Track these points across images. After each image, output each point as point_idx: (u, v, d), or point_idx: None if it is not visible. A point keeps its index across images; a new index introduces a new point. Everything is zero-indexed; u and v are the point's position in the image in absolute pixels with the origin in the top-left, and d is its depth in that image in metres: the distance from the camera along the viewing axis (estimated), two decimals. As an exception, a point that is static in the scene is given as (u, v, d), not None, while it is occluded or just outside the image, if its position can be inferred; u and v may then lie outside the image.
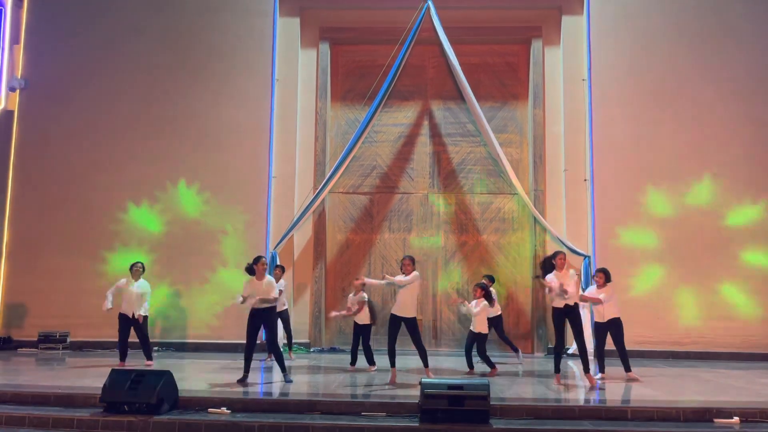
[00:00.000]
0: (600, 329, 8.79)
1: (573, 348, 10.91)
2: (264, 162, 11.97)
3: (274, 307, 8.17)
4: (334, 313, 9.81)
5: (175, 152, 12.04)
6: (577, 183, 11.85)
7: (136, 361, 9.11)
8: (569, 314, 8.00)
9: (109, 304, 9.27)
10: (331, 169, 11.71)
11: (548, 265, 8.23)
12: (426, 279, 11.97)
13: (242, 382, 7.80)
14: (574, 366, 9.89)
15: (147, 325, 9.45)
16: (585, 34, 12.08)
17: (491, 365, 8.89)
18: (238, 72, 12.19)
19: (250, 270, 8.08)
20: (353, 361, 9.43)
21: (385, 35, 11.96)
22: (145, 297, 9.35)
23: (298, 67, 12.39)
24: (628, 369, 8.62)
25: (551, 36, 12.36)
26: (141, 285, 9.39)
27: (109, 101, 12.22)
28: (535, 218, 11.79)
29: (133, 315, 9.27)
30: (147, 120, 12.14)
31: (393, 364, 8.15)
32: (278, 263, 11.12)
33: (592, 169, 11.72)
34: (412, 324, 8.10)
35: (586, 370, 8.04)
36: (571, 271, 8.18)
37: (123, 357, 9.27)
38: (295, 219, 11.62)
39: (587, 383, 7.94)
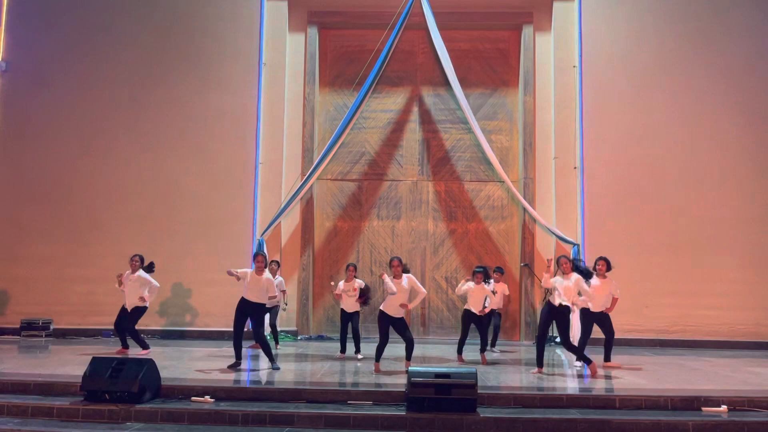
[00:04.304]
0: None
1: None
2: (251, 148, 11.80)
3: (264, 303, 8.03)
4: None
5: (161, 137, 11.85)
6: (567, 171, 11.78)
7: (137, 349, 9.10)
8: (557, 314, 7.85)
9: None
10: (320, 156, 11.57)
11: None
12: (415, 267, 11.92)
13: (234, 367, 7.76)
14: (562, 355, 9.88)
15: (137, 316, 9.17)
16: (576, 20, 11.96)
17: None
18: (225, 56, 11.99)
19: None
20: (343, 349, 9.36)
21: (374, 20, 11.81)
22: (142, 290, 9.10)
23: (286, 52, 12.19)
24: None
25: (542, 22, 12.25)
26: (138, 278, 9.12)
27: (92, 85, 11.99)
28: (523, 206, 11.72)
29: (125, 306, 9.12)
30: (131, 104, 11.93)
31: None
32: (274, 258, 10.63)
33: (582, 156, 11.65)
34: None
35: (580, 359, 7.99)
36: (574, 275, 7.91)
37: (124, 343, 9.21)
38: (282, 206, 11.48)
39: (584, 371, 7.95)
